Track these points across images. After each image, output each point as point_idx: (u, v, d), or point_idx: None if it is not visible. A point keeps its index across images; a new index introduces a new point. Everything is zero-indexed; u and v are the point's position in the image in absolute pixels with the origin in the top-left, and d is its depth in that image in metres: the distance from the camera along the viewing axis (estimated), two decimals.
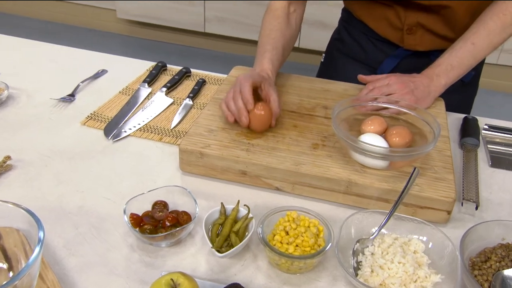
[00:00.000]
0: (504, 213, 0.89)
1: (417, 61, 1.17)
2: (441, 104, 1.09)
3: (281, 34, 1.11)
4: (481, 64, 1.23)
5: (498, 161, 1.02)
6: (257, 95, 0.98)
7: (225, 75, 1.28)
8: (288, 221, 0.77)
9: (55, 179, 0.92)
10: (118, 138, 1.03)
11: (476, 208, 0.88)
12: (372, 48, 1.22)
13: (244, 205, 0.81)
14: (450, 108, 1.11)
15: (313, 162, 0.89)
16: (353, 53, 1.26)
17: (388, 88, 1.02)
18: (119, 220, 0.83)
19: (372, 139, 0.87)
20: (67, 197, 0.88)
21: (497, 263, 0.72)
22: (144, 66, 1.33)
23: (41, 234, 0.62)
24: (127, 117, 1.09)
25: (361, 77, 1.10)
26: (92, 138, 1.03)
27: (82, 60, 1.36)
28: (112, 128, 1.05)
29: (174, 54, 3.41)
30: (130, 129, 1.05)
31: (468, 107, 1.26)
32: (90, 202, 0.87)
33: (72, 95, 1.17)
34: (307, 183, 0.88)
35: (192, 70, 1.29)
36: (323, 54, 1.37)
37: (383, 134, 0.92)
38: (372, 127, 0.91)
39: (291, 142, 0.94)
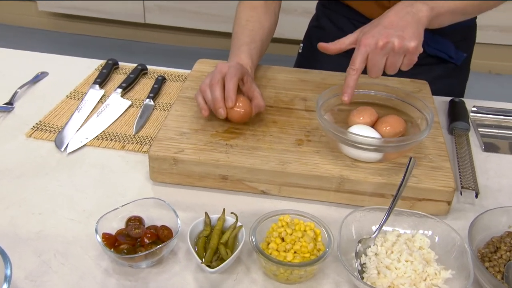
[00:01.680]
0: (504, 199, 0.94)
1: None
2: (426, 87, 1.14)
3: (260, 25, 1.13)
4: (472, 45, 1.29)
5: (491, 144, 1.08)
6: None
7: (186, 71, 1.28)
8: (282, 226, 0.79)
9: (3, 202, 0.89)
10: (73, 150, 1.01)
11: (476, 196, 0.93)
12: None
13: (231, 213, 0.82)
14: (442, 93, 1.15)
15: (300, 159, 0.91)
16: (334, 40, 1.28)
17: (382, 50, 0.90)
18: (89, 242, 0.82)
19: (362, 131, 0.90)
20: (22, 221, 0.86)
21: (508, 253, 0.76)
22: (91, 65, 1.31)
23: (8, 271, 0.61)
24: (81, 125, 1.08)
25: (321, 45, 0.98)
26: (42, 151, 1.01)
27: (14, 62, 1.32)
28: (65, 138, 1.04)
29: (112, 50, 3.36)
30: (86, 138, 1.04)
31: (461, 92, 1.32)
32: (50, 224, 0.85)
33: (10, 103, 1.14)
34: (295, 183, 0.90)
35: (148, 66, 1.28)
36: (301, 44, 1.39)
37: (373, 125, 0.95)
38: (361, 118, 0.94)
39: (273, 140, 0.96)
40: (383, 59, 0.90)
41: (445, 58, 1.24)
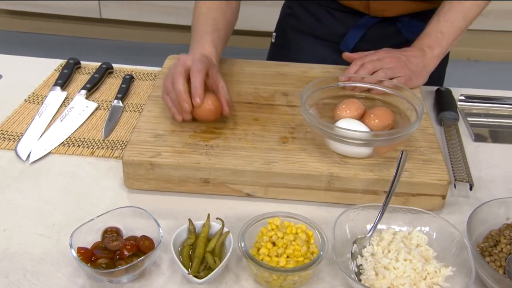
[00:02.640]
0: (499, 190, 0.97)
1: (384, 29, 1.24)
2: None
3: (222, 13, 1.13)
4: None
5: (481, 134, 1.11)
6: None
7: (156, 68, 1.27)
8: (272, 229, 0.79)
9: None
10: (37, 158, 0.99)
11: (471, 189, 0.95)
12: (331, 21, 1.26)
13: (217, 218, 0.82)
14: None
15: (286, 158, 0.92)
16: (309, 29, 1.30)
17: (380, 63, 1.07)
18: (61, 259, 0.81)
19: (350, 125, 0.92)
20: None
21: (508, 246, 0.78)
22: (50, 65, 1.29)
23: None
24: (43, 131, 1.06)
25: (346, 54, 1.14)
26: (2, 161, 0.99)
27: None
28: (26, 146, 1.02)
29: (69, 49, 3.29)
30: (51, 145, 1.02)
31: (441, 79, 1.35)
32: (17, 241, 0.84)
33: None
34: (282, 183, 0.90)
35: (113, 65, 1.27)
36: (273, 34, 1.40)
37: (360, 118, 0.96)
38: (348, 112, 0.95)
39: (256, 139, 0.96)
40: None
41: None
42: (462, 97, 1.20)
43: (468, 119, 1.15)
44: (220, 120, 0.99)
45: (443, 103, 1.16)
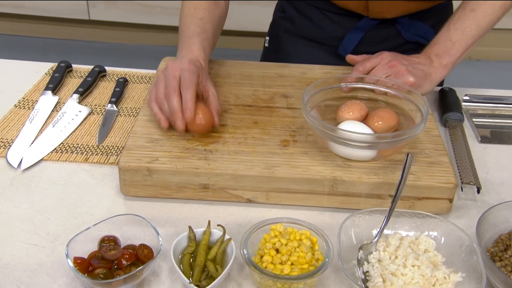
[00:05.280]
0: (508, 193, 0.97)
1: (383, 31, 1.24)
2: None
3: (209, 13, 1.13)
4: None
5: (487, 135, 1.11)
6: None
7: (150, 71, 1.27)
8: (276, 236, 0.79)
9: None
10: (29, 166, 0.99)
11: (478, 192, 0.95)
12: (327, 24, 1.26)
13: (218, 225, 0.82)
14: None
15: (288, 162, 0.92)
16: (305, 33, 1.30)
17: (392, 69, 1.06)
18: (57, 269, 0.80)
19: (353, 127, 0.92)
20: None
21: None
22: (40, 69, 1.28)
23: None
24: (35, 137, 1.06)
25: (350, 57, 1.14)
26: None
27: None
28: (17, 153, 1.01)
29: (59, 52, 3.29)
30: (43, 152, 1.02)
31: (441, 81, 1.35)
32: (10, 251, 0.83)
33: None
34: (283, 188, 0.90)
35: (106, 68, 1.27)
36: (266, 37, 1.40)
37: (363, 120, 0.97)
38: (351, 113, 0.96)
39: (256, 142, 0.96)
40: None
41: (425, 43, 1.27)
42: (467, 97, 1.21)
43: (474, 120, 1.16)
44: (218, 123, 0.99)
45: (448, 104, 1.16)
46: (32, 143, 1.04)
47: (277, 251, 0.78)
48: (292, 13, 1.32)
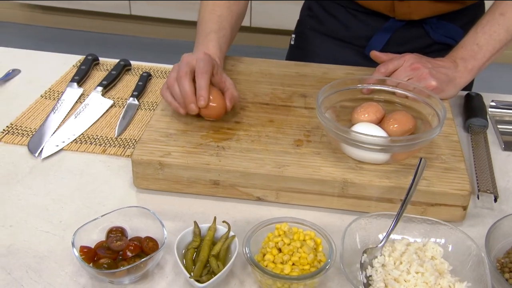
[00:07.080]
0: None
1: (411, 31, 1.22)
2: None
3: (228, 11, 1.13)
4: None
5: None
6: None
7: (172, 66, 1.28)
8: (279, 235, 0.79)
9: None
10: (49, 155, 1.02)
11: (495, 200, 0.93)
12: (355, 23, 1.25)
13: (223, 221, 0.82)
14: None
15: (299, 162, 0.91)
16: (331, 31, 1.29)
17: (414, 72, 1.05)
18: (65, 257, 0.82)
19: (367, 129, 0.91)
20: None
21: None
22: (68, 61, 1.31)
23: None
24: (57, 127, 1.08)
25: (374, 53, 1.12)
26: (14, 157, 1.02)
27: None
28: (39, 142, 1.04)
29: (91, 44, 3.36)
30: (63, 141, 1.04)
31: (469, 84, 1.32)
32: (23, 238, 0.86)
33: None
34: (293, 188, 0.90)
35: (132, 62, 1.29)
36: (292, 35, 1.39)
37: (379, 123, 0.95)
38: (366, 115, 0.95)
39: (269, 141, 0.96)
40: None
41: (453, 44, 1.24)
42: (493, 103, 1.18)
43: (499, 126, 1.13)
44: (233, 120, 1.00)
45: (472, 109, 1.13)
46: (54, 133, 1.07)
47: (280, 250, 0.78)
48: (318, 11, 1.31)
